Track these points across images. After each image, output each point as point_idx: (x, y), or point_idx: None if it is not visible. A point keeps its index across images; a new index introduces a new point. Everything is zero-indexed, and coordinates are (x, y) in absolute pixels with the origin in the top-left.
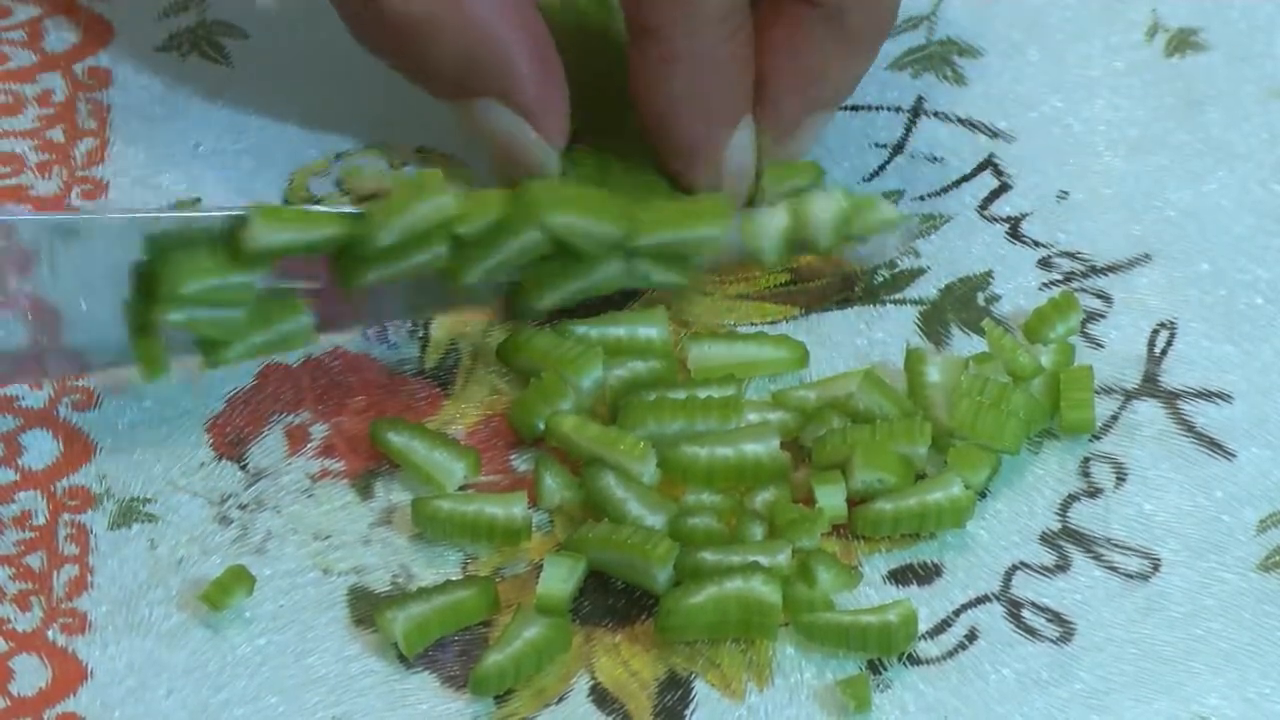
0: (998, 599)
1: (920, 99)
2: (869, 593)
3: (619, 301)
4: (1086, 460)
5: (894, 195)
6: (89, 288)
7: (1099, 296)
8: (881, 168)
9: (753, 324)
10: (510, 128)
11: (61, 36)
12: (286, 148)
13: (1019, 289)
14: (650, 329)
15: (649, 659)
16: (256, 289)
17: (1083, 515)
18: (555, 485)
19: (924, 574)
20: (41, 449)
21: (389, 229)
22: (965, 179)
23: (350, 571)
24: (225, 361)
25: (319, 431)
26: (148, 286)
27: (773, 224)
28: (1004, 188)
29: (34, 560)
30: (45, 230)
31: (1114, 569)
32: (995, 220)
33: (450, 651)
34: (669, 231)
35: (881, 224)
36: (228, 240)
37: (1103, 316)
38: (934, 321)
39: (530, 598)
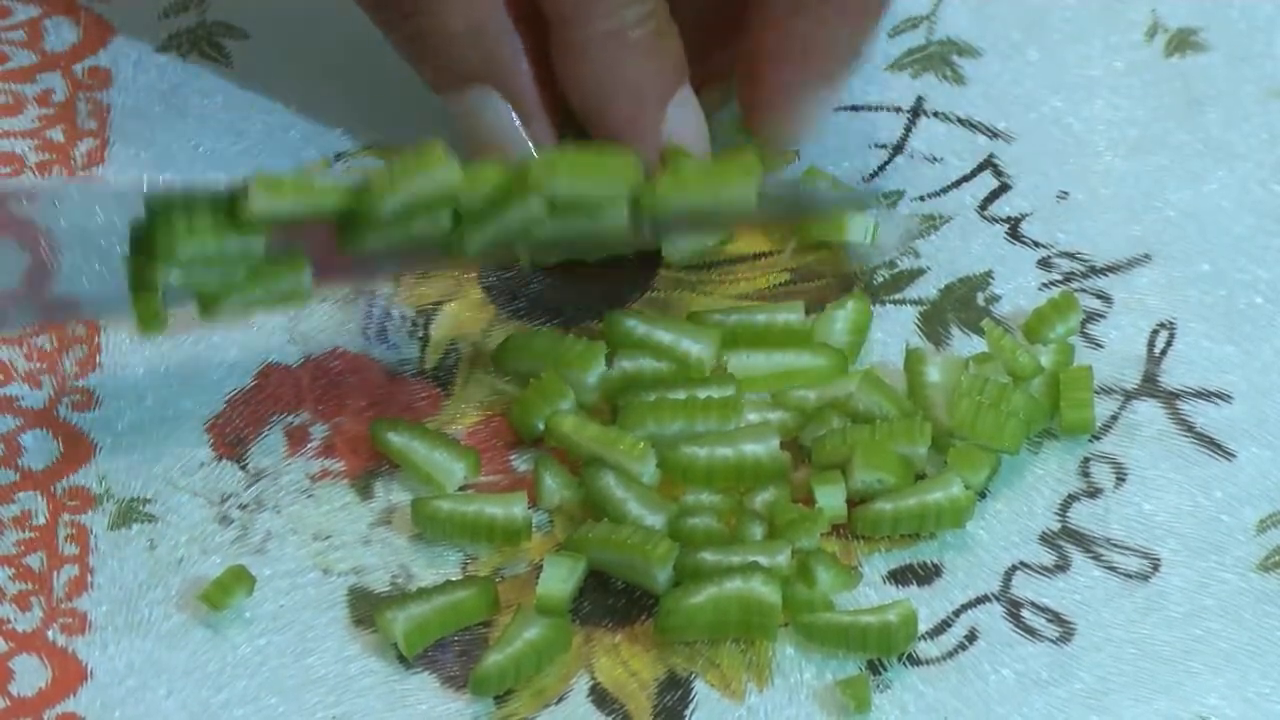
0: (997, 599)
1: (920, 99)
2: (869, 593)
3: (617, 303)
4: (1086, 460)
5: (894, 196)
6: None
7: (1099, 297)
8: (881, 168)
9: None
10: (500, 120)
11: (61, 36)
12: (286, 148)
13: (1019, 289)
14: (696, 345)
15: (649, 659)
16: (257, 254)
17: (1082, 515)
18: (555, 485)
19: (924, 574)
20: (41, 449)
21: (390, 200)
22: (965, 179)
23: (350, 572)
24: (220, 316)
25: (319, 432)
26: (146, 246)
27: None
28: (1004, 188)
29: (34, 560)
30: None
31: (1114, 569)
32: (995, 220)
33: (450, 652)
34: (691, 195)
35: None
36: (228, 206)
37: (1102, 317)
38: (934, 322)
39: (530, 598)
